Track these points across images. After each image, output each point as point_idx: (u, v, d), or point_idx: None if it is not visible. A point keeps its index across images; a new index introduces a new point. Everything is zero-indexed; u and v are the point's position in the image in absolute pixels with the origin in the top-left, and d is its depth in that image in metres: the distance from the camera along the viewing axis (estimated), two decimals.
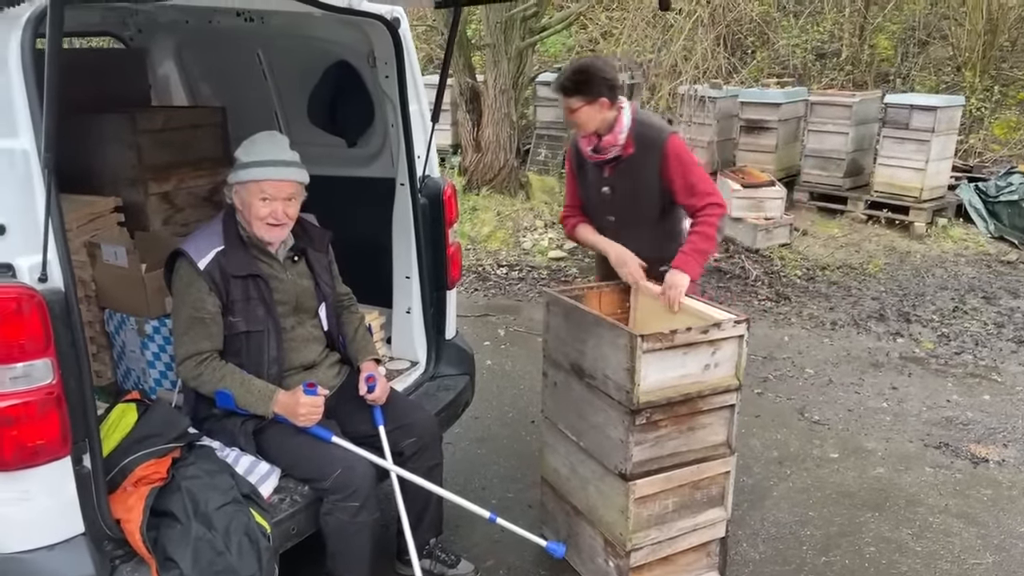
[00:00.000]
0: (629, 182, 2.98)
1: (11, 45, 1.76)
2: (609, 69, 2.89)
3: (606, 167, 3.00)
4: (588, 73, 2.85)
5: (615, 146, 2.92)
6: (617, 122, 2.89)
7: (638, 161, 2.92)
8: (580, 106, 2.85)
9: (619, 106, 2.90)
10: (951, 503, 3.41)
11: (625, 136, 2.90)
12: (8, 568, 1.87)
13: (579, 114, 2.87)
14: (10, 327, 1.77)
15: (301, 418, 2.34)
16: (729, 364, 2.64)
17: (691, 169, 2.92)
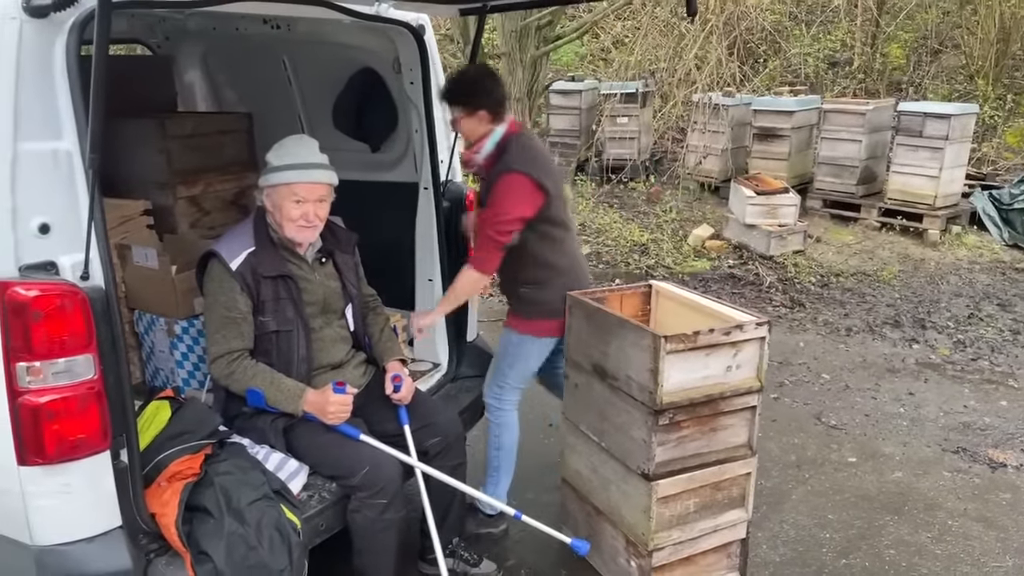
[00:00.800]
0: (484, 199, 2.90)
1: (56, 49, 1.81)
2: (491, 82, 2.83)
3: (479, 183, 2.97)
4: (471, 84, 2.81)
5: (473, 164, 2.88)
6: (480, 142, 2.82)
7: (489, 182, 2.83)
8: (461, 116, 2.82)
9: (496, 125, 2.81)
10: (970, 507, 3.42)
11: (483, 157, 2.83)
12: (48, 560, 1.91)
13: (460, 124, 2.85)
14: (53, 323, 1.81)
15: (330, 416, 2.38)
16: (751, 366, 2.66)
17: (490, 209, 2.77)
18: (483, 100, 2.77)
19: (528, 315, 2.96)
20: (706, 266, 6.91)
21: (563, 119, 9.52)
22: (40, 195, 1.82)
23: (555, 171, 2.92)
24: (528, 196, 2.74)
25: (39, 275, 1.82)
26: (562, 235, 2.92)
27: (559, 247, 2.91)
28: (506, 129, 2.82)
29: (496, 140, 2.81)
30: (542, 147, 3.00)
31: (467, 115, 2.79)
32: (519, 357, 2.99)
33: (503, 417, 3.03)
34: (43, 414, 1.82)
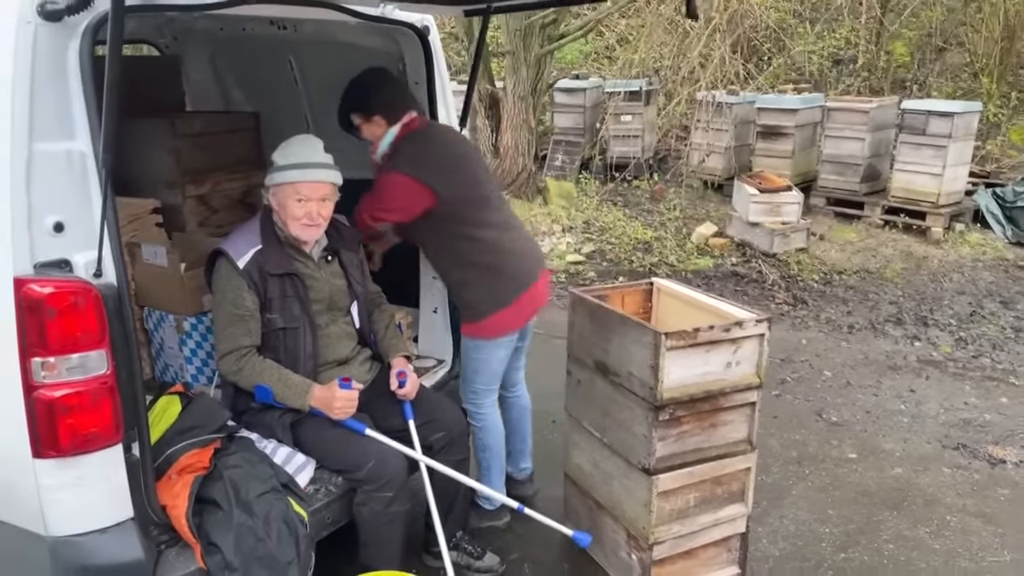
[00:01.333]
0: None
1: (70, 52, 1.86)
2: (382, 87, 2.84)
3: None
4: (364, 91, 2.82)
5: (374, 164, 2.91)
6: (379, 141, 2.86)
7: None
8: (359, 123, 2.85)
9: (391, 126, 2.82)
10: (969, 503, 3.45)
11: (379, 156, 2.86)
12: (62, 550, 1.95)
13: (360, 130, 2.87)
14: (67, 320, 1.86)
15: (336, 411, 2.43)
16: (750, 362, 2.70)
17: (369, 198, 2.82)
18: (375, 105, 2.81)
19: (466, 318, 2.94)
20: (709, 264, 6.94)
21: (567, 117, 9.55)
22: (54, 194, 1.87)
23: (459, 171, 2.88)
24: (403, 194, 2.75)
25: (54, 272, 1.86)
26: (482, 235, 2.85)
27: (478, 247, 2.85)
28: (399, 129, 2.83)
29: (390, 140, 2.84)
30: (445, 146, 2.94)
31: (365, 121, 2.84)
32: (478, 361, 2.97)
33: (483, 420, 3.03)
34: (57, 408, 1.87)
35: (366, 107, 2.82)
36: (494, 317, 2.88)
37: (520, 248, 2.97)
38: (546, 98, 9.69)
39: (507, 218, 3.01)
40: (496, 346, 2.94)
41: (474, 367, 2.99)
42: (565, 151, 9.27)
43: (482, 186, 2.93)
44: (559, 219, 7.74)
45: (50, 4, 1.81)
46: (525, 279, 2.94)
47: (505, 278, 2.90)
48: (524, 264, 2.95)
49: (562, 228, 7.58)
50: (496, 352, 2.95)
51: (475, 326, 2.92)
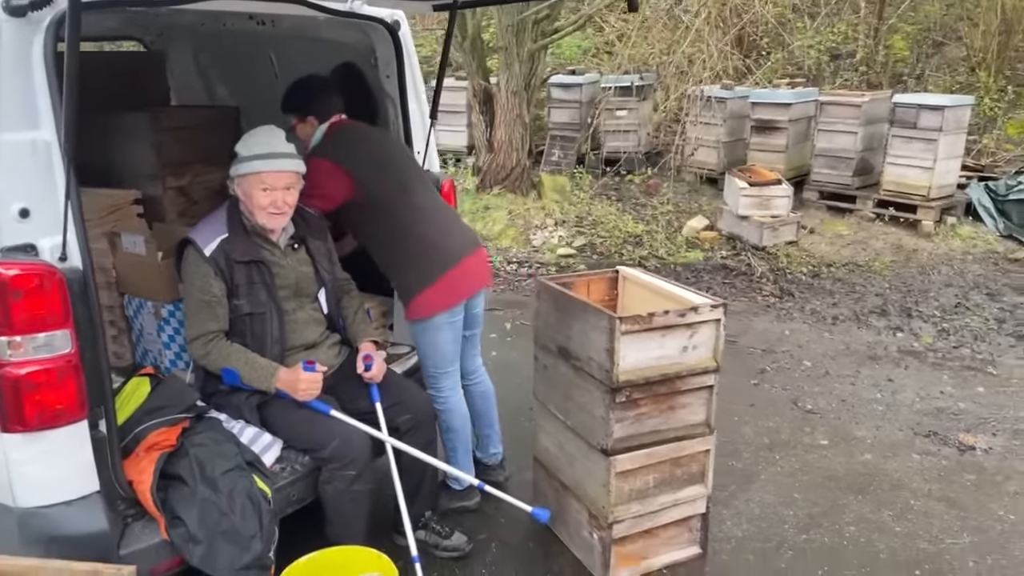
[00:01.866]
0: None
1: (34, 46, 1.95)
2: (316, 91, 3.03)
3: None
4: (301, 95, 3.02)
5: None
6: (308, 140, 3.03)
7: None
8: (295, 123, 3.02)
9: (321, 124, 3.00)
10: (934, 488, 3.51)
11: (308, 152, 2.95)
12: (30, 521, 2.05)
13: (296, 128, 3.02)
14: (33, 300, 1.96)
15: (301, 393, 2.52)
16: (707, 347, 2.77)
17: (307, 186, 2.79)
18: (310, 106, 3.01)
19: (401, 301, 3.07)
20: (699, 257, 7.00)
21: (563, 112, 9.60)
22: (20, 182, 1.96)
23: (379, 159, 3.02)
24: (324, 178, 2.85)
25: (19, 256, 1.96)
26: (406, 218, 2.96)
27: (402, 229, 2.95)
28: (327, 127, 3.01)
29: (320, 136, 3.01)
30: (368, 138, 3.10)
31: (300, 121, 3.03)
32: (425, 345, 3.04)
33: (445, 403, 3.09)
34: (23, 385, 1.97)
35: (304, 110, 3.03)
36: (423, 295, 2.94)
37: (448, 228, 3.06)
38: (543, 94, 9.75)
39: (435, 204, 3.13)
40: (436, 328, 2.98)
41: (423, 351, 3.07)
42: (561, 146, 9.33)
43: (404, 174, 3.05)
44: (552, 213, 7.81)
45: (14, 0, 1.90)
46: (454, 255, 2.99)
47: (431, 256, 2.97)
48: (451, 242, 3.02)
49: (555, 222, 7.65)
50: (439, 335, 3.00)
51: (408, 308, 3.00)
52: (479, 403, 3.36)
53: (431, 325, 2.99)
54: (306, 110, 3.02)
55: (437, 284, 2.93)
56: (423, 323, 2.99)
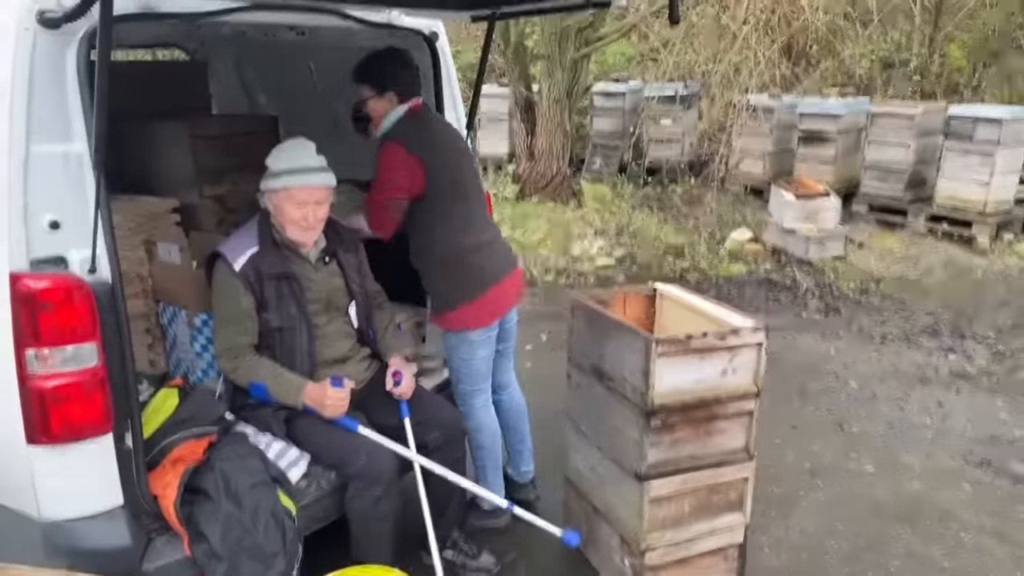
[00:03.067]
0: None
1: (68, 58, 1.95)
2: (401, 65, 2.84)
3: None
4: (382, 66, 2.81)
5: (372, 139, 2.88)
6: (380, 116, 2.86)
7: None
8: (369, 97, 2.82)
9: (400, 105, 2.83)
10: (987, 521, 3.35)
11: (380, 133, 2.84)
12: (54, 534, 2.04)
13: (367, 104, 2.84)
14: (61, 313, 1.95)
15: (327, 409, 2.48)
16: (748, 371, 2.67)
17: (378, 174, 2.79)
18: (393, 81, 2.81)
19: (434, 308, 2.98)
20: (742, 270, 6.85)
21: (606, 120, 9.53)
22: (51, 194, 1.96)
23: (451, 160, 2.90)
24: (401, 166, 2.76)
25: (49, 268, 1.96)
26: (457, 225, 2.89)
27: (453, 237, 2.88)
28: (406, 110, 2.85)
29: (395, 119, 2.84)
30: (445, 134, 2.98)
31: (376, 95, 2.83)
32: (459, 361, 2.99)
33: (475, 420, 3.04)
34: (49, 397, 1.96)
35: (383, 82, 2.82)
36: (462, 309, 2.89)
37: (493, 245, 3.01)
38: (585, 101, 9.68)
39: (486, 219, 3.06)
40: (470, 343, 2.93)
41: (455, 366, 3.02)
42: (603, 155, 9.25)
43: (468, 182, 2.97)
44: (592, 222, 7.73)
45: (49, 12, 1.91)
46: (496, 274, 2.95)
47: (475, 272, 2.92)
48: (495, 260, 2.98)
49: (594, 231, 7.56)
50: (473, 350, 2.95)
51: (441, 317, 2.95)
52: (511, 418, 3.30)
53: (466, 339, 2.94)
54: (387, 84, 2.80)
55: (477, 301, 2.89)
56: (458, 336, 2.95)
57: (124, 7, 1.97)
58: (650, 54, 12.11)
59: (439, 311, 2.96)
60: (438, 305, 2.96)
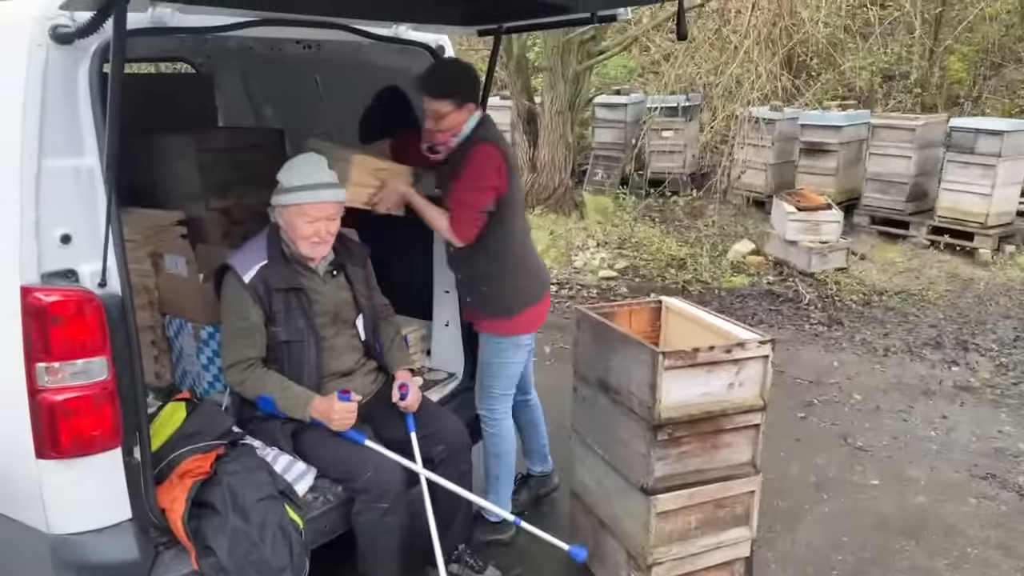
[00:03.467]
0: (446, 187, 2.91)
1: (80, 73, 1.96)
2: (475, 75, 2.87)
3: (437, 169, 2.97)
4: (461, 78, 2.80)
5: (444, 147, 2.85)
6: (459, 126, 2.82)
7: (452, 165, 2.85)
8: (449, 111, 2.77)
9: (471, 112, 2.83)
10: (992, 534, 3.34)
11: (458, 141, 2.83)
12: (62, 547, 2.04)
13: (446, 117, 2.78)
14: (72, 327, 1.95)
15: (335, 422, 2.49)
16: (754, 384, 2.67)
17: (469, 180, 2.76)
18: (471, 93, 2.81)
19: (495, 314, 2.97)
20: (744, 282, 6.86)
21: (608, 132, 9.56)
22: (63, 208, 1.96)
23: (516, 168, 2.97)
24: (500, 168, 2.79)
25: (59, 282, 1.96)
26: (518, 232, 2.96)
27: (516, 243, 2.94)
28: (482, 115, 2.88)
29: (473, 125, 2.83)
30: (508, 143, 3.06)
31: (456, 108, 2.78)
32: (499, 365, 3.00)
33: (497, 426, 3.06)
34: (59, 411, 1.96)
35: (464, 95, 2.79)
36: (524, 313, 2.97)
37: (537, 254, 3.16)
38: (587, 113, 9.71)
39: (528, 225, 3.14)
40: (517, 347, 3.01)
41: (494, 371, 3.03)
42: (605, 166, 9.27)
43: (521, 190, 3.05)
44: (594, 234, 7.74)
45: (61, 28, 1.91)
46: (546, 281, 3.15)
47: (533, 277, 3.04)
48: (543, 268, 3.19)
49: (596, 243, 7.57)
50: (517, 354, 3.02)
51: (505, 323, 2.97)
52: (536, 415, 3.44)
53: (516, 343, 3.00)
54: (468, 97, 2.79)
55: (537, 305, 3.00)
56: (510, 340, 3.00)
57: (136, 22, 1.98)
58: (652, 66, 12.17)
59: (497, 316, 2.97)
60: (498, 311, 2.96)
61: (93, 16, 1.84)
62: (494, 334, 3.00)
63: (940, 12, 10.53)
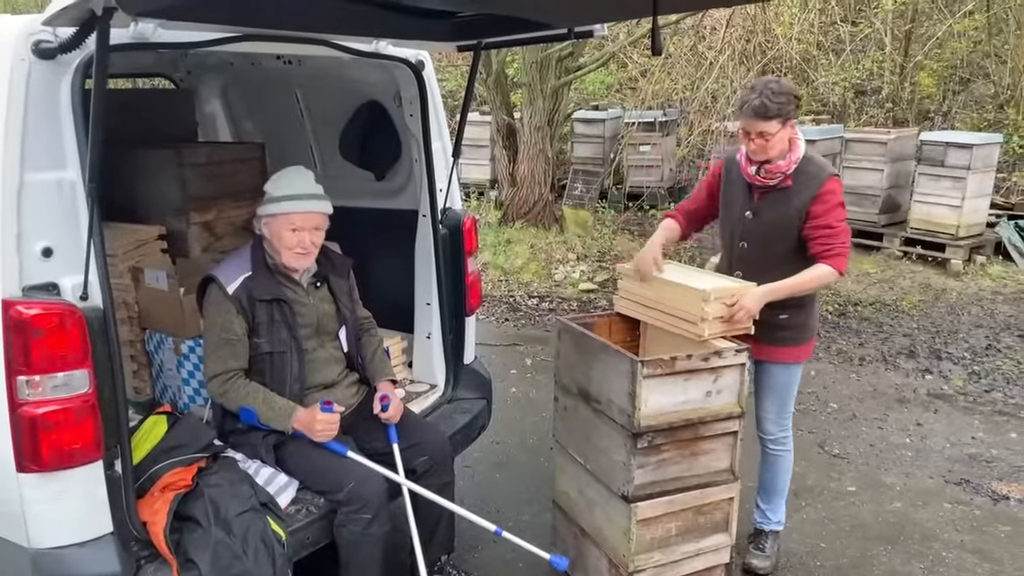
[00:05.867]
0: (775, 212, 2.88)
1: (63, 88, 1.97)
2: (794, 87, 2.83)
3: (757, 191, 2.93)
4: (787, 94, 2.74)
5: (782, 173, 2.83)
6: (792, 148, 2.82)
7: (791, 194, 2.84)
8: (778, 130, 2.74)
9: (795, 131, 2.83)
10: (967, 539, 3.40)
11: (795, 167, 2.82)
12: (43, 562, 2.03)
13: (775, 139, 2.75)
14: (53, 340, 1.96)
15: (318, 433, 2.49)
16: (731, 391, 2.71)
17: (834, 213, 2.79)
18: (792, 108, 2.76)
19: (797, 341, 2.99)
20: None
21: (586, 147, 9.64)
22: (44, 221, 1.97)
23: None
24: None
25: (41, 295, 1.96)
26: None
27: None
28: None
29: (803, 146, 2.85)
30: None
31: (783, 126, 2.75)
32: (793, 386, 3.07)
33: (788, 443, 3.15)
34: (40, 424, 1.96)
35: (791, 111, 2.76)
36: (813, 339, 3.10)
37: None
38: (566, 128, 9.79)
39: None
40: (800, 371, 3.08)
41: (789, 392, 3.07)
42: (584, 180, 9.34)
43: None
44: (574, 247, 7.79)
45: (44, 43, 1.93)
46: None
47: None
48: None
49: (577, 256, 7.63)
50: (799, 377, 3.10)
51: (800, 349, 3.03)
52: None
53: (801, 368, 3.09)
54: (791, 112, 2.76)
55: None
56: (800, 364, 3.07)
57: (117, 37, 1.99)
58: (629, 82, 12.30)
59: (801, 342, 3.02)
60: (802, 337, 3.01)
61: (76, 31, 1.86)
62: (791, 362, 3.02)
63: (910, 29, 10.76)
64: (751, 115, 2.75)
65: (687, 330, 2.76)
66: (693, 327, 2.74)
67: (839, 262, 2.78)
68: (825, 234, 2.79)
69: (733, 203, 3.02)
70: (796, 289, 2.80)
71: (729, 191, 3.04)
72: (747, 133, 2.81)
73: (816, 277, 2.80)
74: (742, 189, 2.97)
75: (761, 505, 3.22)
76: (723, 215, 3.10)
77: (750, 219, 2.95)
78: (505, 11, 2.55)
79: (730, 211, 3.04)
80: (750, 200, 2.96)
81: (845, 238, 2.81)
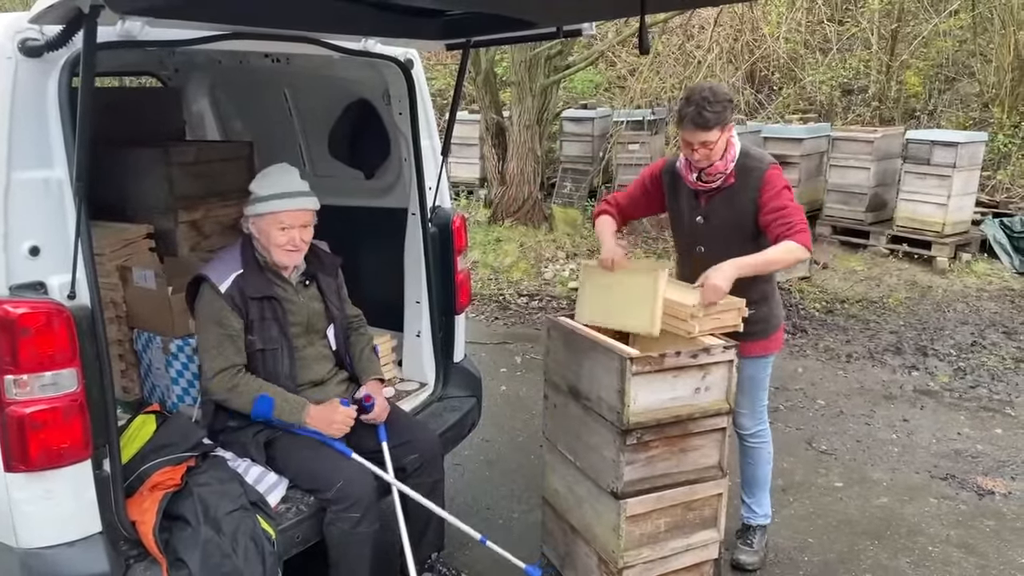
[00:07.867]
0: (724, 213, 2.91)
1: (49, 86, 1.97)
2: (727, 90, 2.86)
3: (703, 196, 2.94)
4: (723, 101, 2.75)
5: (721, 174, 2.86)
6: (728, 150, 2.84)
7: (737, 191, 2.87)
8: (719, 137, 2.75)
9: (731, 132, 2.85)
10: (953, 533, 3.43)
11: (733, 165, 2.85)
12: (32, 562, 2.02)
13: (717, 146, 2.77)
14: (41, 339, 1.95)
15: (335, 427, 2.52)
16: (720, 388, 2.73)
17: (783, 194, 2.81)
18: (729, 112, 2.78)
19: (760, 335, 2.99)
20: None
21: (575, 146, 9.65)
22: (31, 220, 1.97)
23: None
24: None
25: (28, 294, 1.96)
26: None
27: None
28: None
29: (738, 144, 2.87)
30: None
31: (722, 131, 2.77)
32: (765, 379, 3.12)
33: (767, 435, 3.23)
34: (28, 424, 1.95)
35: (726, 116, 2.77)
36: (782, 329, 3.12)
37: None
38: (555, 127, 9.81)
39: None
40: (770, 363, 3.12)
41: (762, 384, 3.12)
42: (573, 179, 9.36)
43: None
44: (563, 246, 7.81)
45: (31, 41, 1.92)
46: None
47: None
48: None
49: (566, 255, 7.64)
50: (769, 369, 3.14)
51: (769, 341, 3.04)
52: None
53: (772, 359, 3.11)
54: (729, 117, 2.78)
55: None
56: (770, 357, 3.10)
57: (105, 35, 1.98)
58: (618, 81, 12.34)
59: (769, 334, 3.03)
60: (769, 329, 3.02)
61: (62, 29, 1.86)
62: (764, 354, 3.05)
63: (896, 28, 10.83)
64: (691, 127, 2.76)
65: (677, 327, 2.78)
66: (683, 324, 2.75)
67: (803, 237, 2.76)
68: (781, 215, 2.80)
69: (682, 212, 3.04)
70: (766, 264, 2.80)
71: (676, 201, 3.05)
72: (689, 144, 2.82)
73: (785, 251, 2.76)
74: (688, 197, 3.00)
75: (746, 499, 3.25)
76: (674, 225, 3.13)
77: (702, 224, 2.98)
78: (494, 10, 2.55)
79: (680, 220, 3.06)
80: (698, 206, 2.98)
81: (801, 215, 2.81)
